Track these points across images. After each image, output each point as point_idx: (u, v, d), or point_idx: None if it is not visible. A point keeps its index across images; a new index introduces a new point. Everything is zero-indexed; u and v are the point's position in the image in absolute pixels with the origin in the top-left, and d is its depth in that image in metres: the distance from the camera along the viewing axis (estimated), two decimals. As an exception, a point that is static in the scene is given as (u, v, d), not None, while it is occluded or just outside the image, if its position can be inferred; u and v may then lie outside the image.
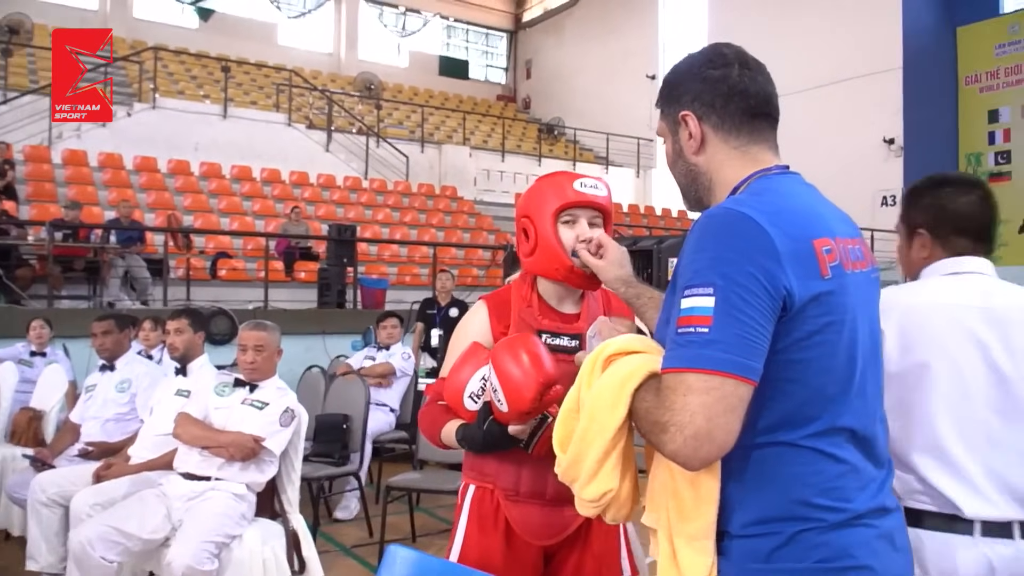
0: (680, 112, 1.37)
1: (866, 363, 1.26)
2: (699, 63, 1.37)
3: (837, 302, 1.20)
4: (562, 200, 1.89)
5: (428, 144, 18.29)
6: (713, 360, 1.11)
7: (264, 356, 3.47)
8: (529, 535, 1.91)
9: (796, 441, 1.19)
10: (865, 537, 1.20)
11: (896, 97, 16.17)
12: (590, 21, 23.34)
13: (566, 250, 1.87)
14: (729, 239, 1.16)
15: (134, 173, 12.82)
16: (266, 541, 3.30)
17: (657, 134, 1.49)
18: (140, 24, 19.56)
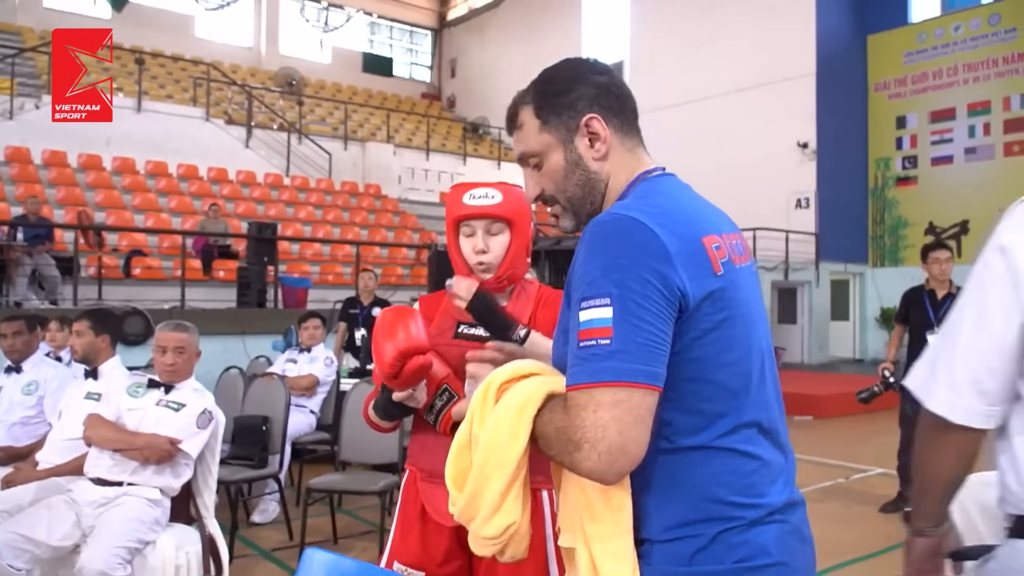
0: (582, 117, 1.31)
1: (764, 354, 1.28)
2: (584, 69, 1.35)
3: (730, 297, 1.21)
4: (454, 214, 1.99)
5: (351, 141, 18.10)
6: (618, 372, 1.10)
7: (184, 358, 3.38)
8: (438, 515, 1.96)
9: (707, 443, 1.20)
10: (780, 533, 1.22)
11: (810, 102, 16.71)
12: (514, 21, 23.46)
13: (465, 259, 2.00)
14: (620, 245, 1.15)
15: (43, 168, 12.35)
16: (181, 547, 3.22)
17: (524, 156, 1.37)
18: (51, 14, 18.82)
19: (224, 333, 8.00)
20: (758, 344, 1.27)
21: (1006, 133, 16.17)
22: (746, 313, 1.24)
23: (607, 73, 1.36)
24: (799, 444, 2.70)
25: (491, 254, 1.99)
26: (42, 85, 14.17)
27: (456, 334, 2.01)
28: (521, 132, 1.37)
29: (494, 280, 2.00)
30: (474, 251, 1.98)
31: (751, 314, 1.26)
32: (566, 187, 1.35)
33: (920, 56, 17.32)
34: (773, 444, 1.27)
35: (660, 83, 18.86)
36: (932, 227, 17.17)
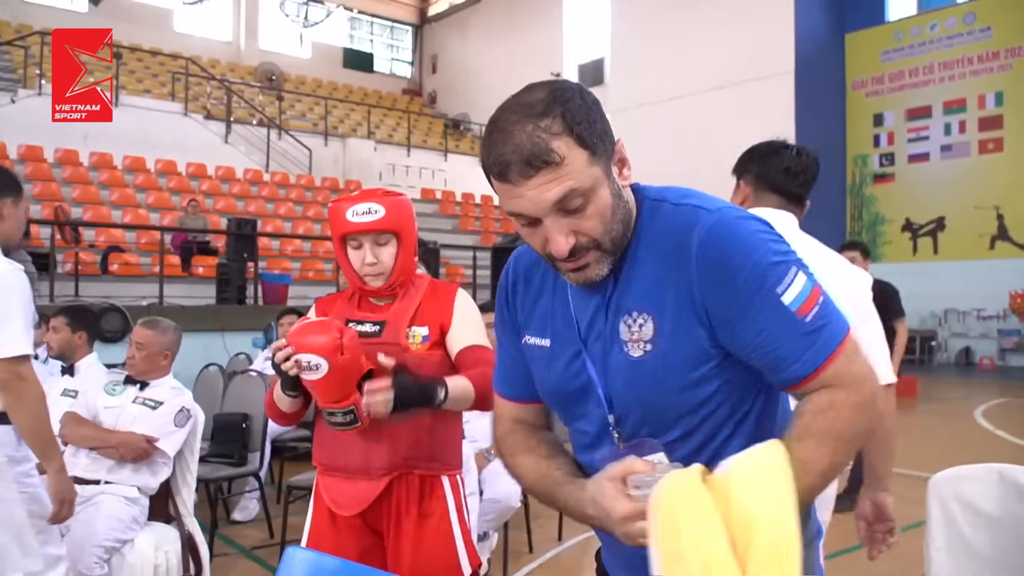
0: (615, 144, 1.15)
1: None
2: (591, 99, 1.14)
3: None
4: (338, 230, 2.07)
5: (332, 137, 18.02)
6: (842, 322, 1.12)
7: (143, 355, 3.33)
8: (337, 506, 2.06)
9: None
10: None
11: (788, 100, 16.81)
12: (495, 17, 23.43)
13: (355, 271, 2.09)
14: (756, 227, 1.13)
15: (19, 163, 12.20)
16: (159, 546, 3.20)
17: (571, 195, 1.09)
18: (27, 7, 18.58)
19: (203, 330, 7.95)
20: None
21: (981, 131, 16.36)
22: None
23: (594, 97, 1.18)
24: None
25: (380, 264, 2.07)
26: (17, 79, 14.00)
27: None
28: (561, 169, 1.07)
29: (386, 287, 2.10)
30: (363, 263, 2.06)
31: None
32: (612, 226, 1.14)
33: (897, 55, 17.48)
34: None
35: (640, 80, 18.92)
36: (909, 223, 17.35)
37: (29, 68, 13.82)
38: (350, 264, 2.09)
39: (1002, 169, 15.97)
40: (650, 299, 1.16)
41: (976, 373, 15.20)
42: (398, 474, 2.05)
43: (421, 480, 2.08)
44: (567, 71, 21.48)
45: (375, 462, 2.03)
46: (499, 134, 1.08)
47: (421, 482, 2.08)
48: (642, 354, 1.16)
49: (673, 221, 1.16)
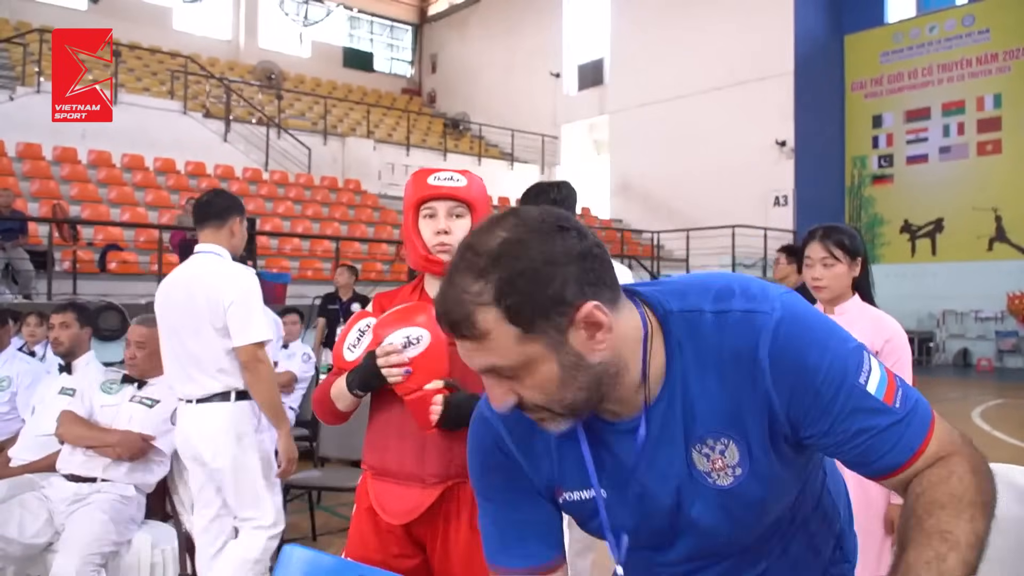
0: (575, 312, 0.96)
1: None
2: (551, 235, 0.97)
3: None
4: (418, 194, 1.96)
5: (331, 136, 18.01)
6: (927, 407, 1.07)
7: (145, 353, 3.34)
8: (385, 512, 1.95)
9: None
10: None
11: (788, 101, 16.83)
12: (495, 17, 23.42)
13: (425, 242, 1.95)
14: (817, 318, 1.07)
15: (17, 160, 12.18)
16: (156, 544, 3.19)
17: (494, 369, 0.99)
18: (26, 5, 18.55)
19: (201, 328, 7.94)
20: None
21: (980, 133, 16.37)
22: None
23: (576, 228, 1.00)
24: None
25: (453, 236, 1.94)
26: (16, 77, 13.98)
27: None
28: (484, 343, 0.96)
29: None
30: (435, 233, 1.94)
31: None
32: (564, 396, 1.01)
33: (896, 56, 17.49)
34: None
35: (640, 81, 18.93)
36: (907, 225, 17.36)
37: (28, 66, 13.80)
38: (420, 235, 1.97)
39: (1000, 171, 15.99)
40: (728, 421, 1.06)
41: (974, 374, 15.22)
42: (452, 483, 1.93)
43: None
44: (566, 71, 21.48)
45: (429, 468, 1.93)
46: (447, 275, 0.99)
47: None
48: (732, 481, 1.08)
49: (727, 333, 1.04)
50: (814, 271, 2.64)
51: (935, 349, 16.52)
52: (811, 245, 2.63)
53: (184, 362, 2.97)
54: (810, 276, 2.65)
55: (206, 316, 2.92)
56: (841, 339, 1.05)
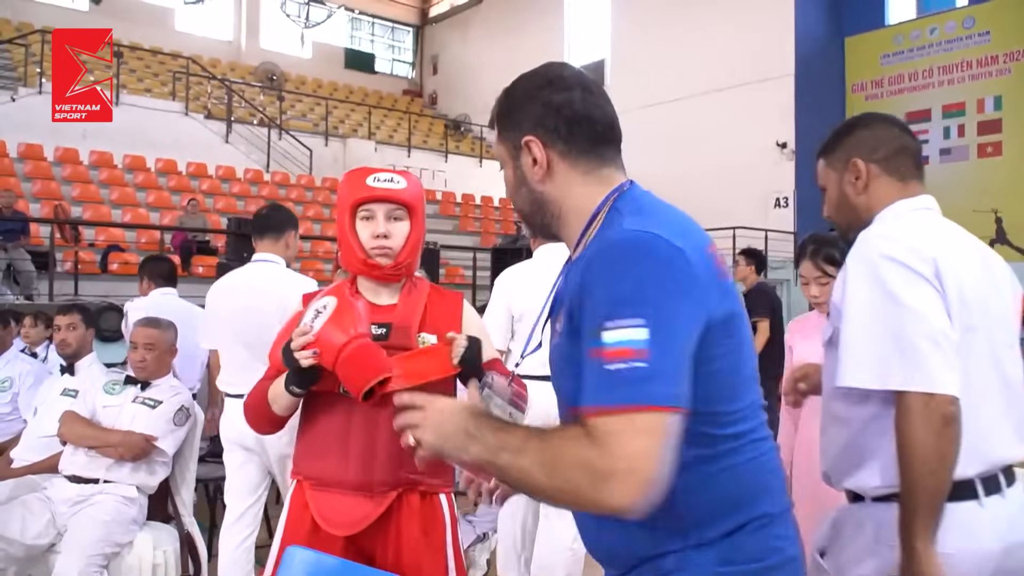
0: (522, 138, 1.29)
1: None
2: (538, 85, 1.30)
3: (739, 312, 1.23)
4: (355, 196, 1.89)
5: (332, 137, 18.02)
6: (656, 396, 1.05)
7: (154, 355, 3.36)
8: (328, 524, 1.83)
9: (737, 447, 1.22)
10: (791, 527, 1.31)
11: (788, 102, 16.83)
12: (496, 18, 23.42)
13: (362, 245, 1.89)
14: (646, 264, 1.11)
15: (18, 161, 12.20)
16: (158, 545, 3.21)
17: (496, 158, 1.48)
18: (27, 5, 18.56)
19: (202, 329, 7.95)
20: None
21: (980, 135, 16.37)
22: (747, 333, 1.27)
23: (568, 90, 1.28)
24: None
25: (393, 239, 1.90)
26: (18, 77, 14.00)
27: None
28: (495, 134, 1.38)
29: (392, 267, 1.92)
30: (373, 236, 1.88)
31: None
32: (516, 200, 1.36)
33: (896, 58, 17.49)
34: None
35: (641, 82, 18.92)
36: (908, 227, 17.36)
37: (29, 66, 13.82)
38: (357, 237, 1.90)
39: (1001, 173, 15.98)
40: (570, 295, 1.22)
41: (974, 376, 15.18)
42: (402, 490, 1.87)
43: (422, 497, 1.91)
44: (567, 72, 21.47)
45: (379, 476, 1.84)
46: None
47: (422, 499, 1.91)
48: (555, 341, 1.29)
49: (604, 232, 1.23)
50: (811, 290, 2.64)
51: (935, 351, 16.49)
52: (803, 264, 2.62)
53: (245, 360, 3.10)
54: (808, 294, 2.66)
55: (275, 318, 2.94)
56: (640, 287, 1.09)
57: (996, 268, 1.74)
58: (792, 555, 1.25)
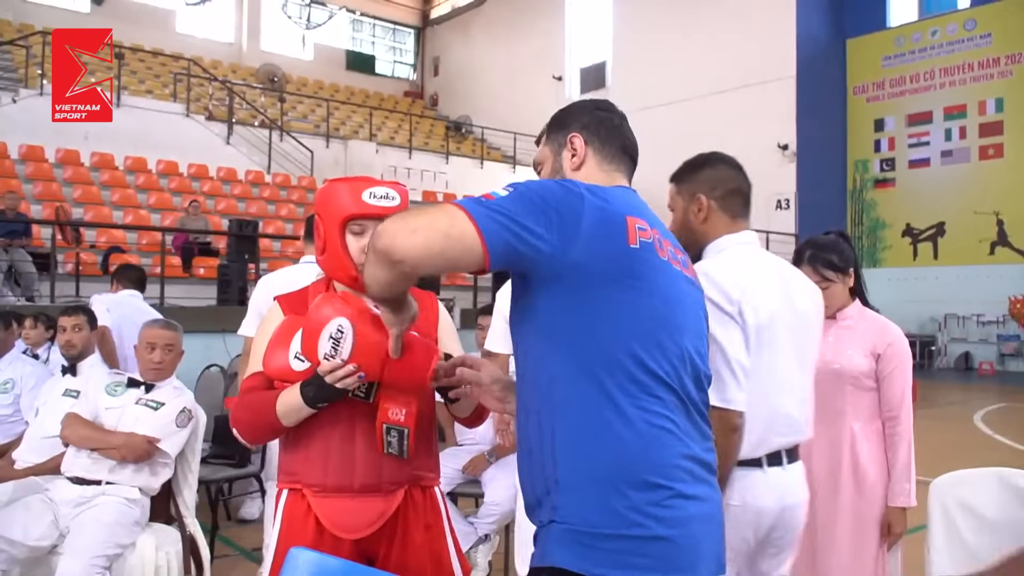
0: (569, 134, 1.59)
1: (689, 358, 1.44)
2: (592, 106, 1.64)
3: (645, 273, 1.36)
4: (350, 211, 1.84)
5: (334, 139, 18.03)
6: (479, 213, 1.27)
7: (172, 356, 3.37)
8: (339, 529, 1.82)
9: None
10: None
11: (790, 104, 16.84)
12: (498, 21, 23.45)
13: (353, 260, 1.84)
14: (555, 189, 1.35)
15: (20, 163, 12.20)
16: (160, 547, 3.20)
17: (535, 163, 1.67)
18: (28, 7, 18.61)
19: (204, 331, 7.93)
20: (678, 327, 1.41)
21: (981, 137, 16.37)
22: (661, 303, 1.38)
23: (610, 112, 1.63)
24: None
25: None
26: (19, 79, 14.01)
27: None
28: (539, 145, 1.68)
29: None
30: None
31: (671, 307, 1.40)
32: None
33: (898, 60, 17.50)
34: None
35: (642, 84, 18.94)
36: (909, 228, 17.36)
37: (31, 68, 13.82)
38: (347, 253, 1.85)
39: (1002, 175, 15.99)
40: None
41: (975, 378, 15.21)
42: (409, 486, 1.88)
43: (423, 492, 1.93)
44: (569, 74, 21.49)
45: (387, 475, 1.84)
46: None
47: (424, 494, 1.93)
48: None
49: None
50: None
51: (937, 353, 16.51)
52: (802, 268, 2.63)
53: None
54: None
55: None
56: (524, 185, 1.34)
57: (795, 292, 2.06)
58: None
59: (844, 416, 2.53)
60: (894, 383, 2.51)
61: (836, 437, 2.52)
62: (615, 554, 1.26)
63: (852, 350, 2.54)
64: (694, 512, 1.32)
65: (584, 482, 1.30)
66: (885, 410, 2.52)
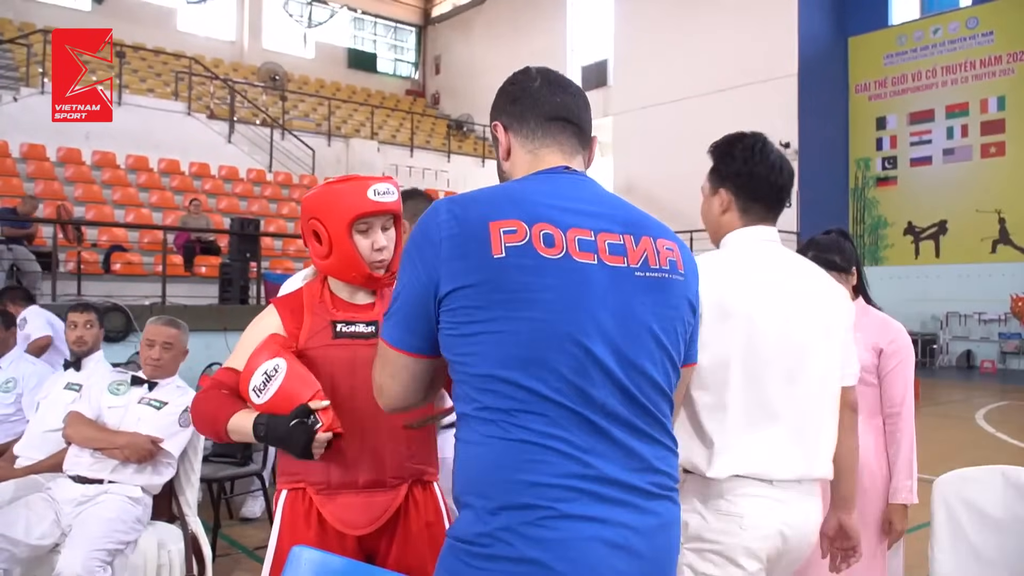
0: (492, 123, 1.50)
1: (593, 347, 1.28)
2: (508, 80, 1.51)
3: (515, 280, 1.24)
4: (357, 210, 1.85)
5: (335, 137, 18.03)
6: (388, 335, 1.37)
7: (171, 355, 3.36)
8: (345, 526, 1.82)
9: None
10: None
11: (791, 103, 16.81)
12: (499, 19, 23.43)
13: (364, 259, 1.87)
14: (415, 232, 1.33)
15: (21, 161, 12.20)
16: (163, 545, 3.20)
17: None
18: (30, 5, 18.60)
19: (206, 330, 7.92)
20: (577, 334, 1.25)
21: (983, 135, 16.35)
22: (545, 313, 1.24)
23: (518, 81, 1.49)
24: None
25: (388, 250, 1.90)
26: (20, 77, 14.01)
27: (336, 334, 1.87)
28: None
29: (389, 276, 1.92)
30: (374, 249, 1.87)
31: (569, 313, 1.25)
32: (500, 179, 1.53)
33: (900, 58, 17.48)
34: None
35: (643, 82, 18.92)
36: (911, 227, 17.34)
37: (32, 67, 13.82)
38: (359, 253, 1.87)
39: (1004, 173, 15.97)
40: None
41: (977, 376, 15.20)
42: (412, 481, 1.89)
43: (424, 487, 1.93)
44: (570, 73, 21.46)
45: (390, 471, 1.85)
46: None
47: (424, 489, 1.93)
48: None
49: None
50: None
51: (938, 351, 16.49)
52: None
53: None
54: None
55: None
56: (406, 252, 1.35)
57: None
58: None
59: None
60: (896, 379, 2.51)
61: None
62: (487, 574, 1.22)
63: (855, 346, 2.53)
64: (584, 535, 1.21)
65: (469, 500, 1.28)
66: (887, 406, 2.51)
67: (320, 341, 1.85)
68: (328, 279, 1.97)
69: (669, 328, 1.36)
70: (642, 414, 1.30)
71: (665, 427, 1.34)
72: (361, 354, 1.80)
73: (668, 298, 1.36)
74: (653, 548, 1.28)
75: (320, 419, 1.67)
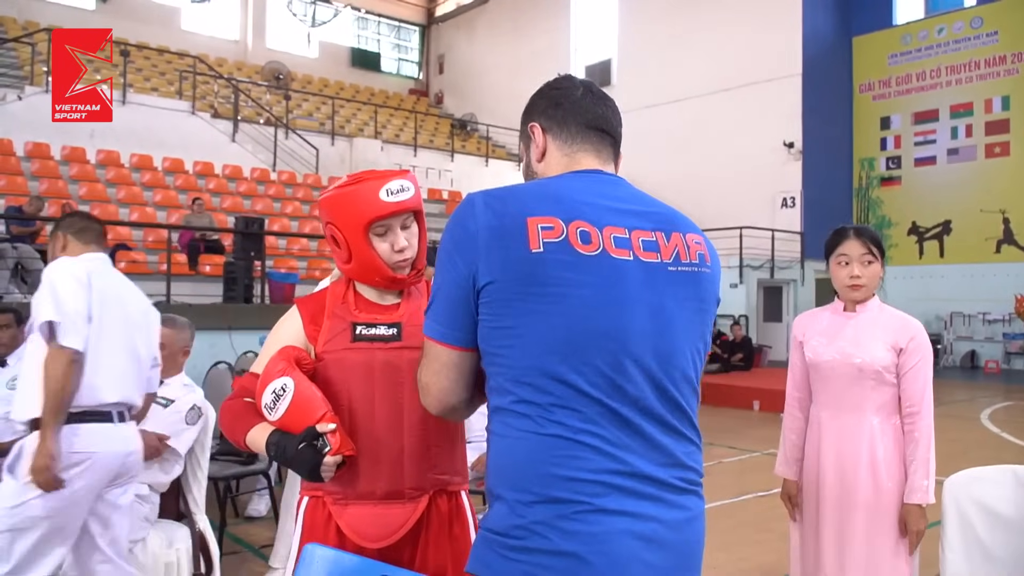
0: (529, 123, 1.52)
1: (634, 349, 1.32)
2: (548, 87, 1.54)
3: (553, 275, 1.26)
4: (372, 214, 1.76)
5: (339, 137, 18.04)
6: (431, 330, 1.37)
7: (166, 354, 3.34)
8: (361, 538, 1.75)
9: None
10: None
11: (796, 102, 16.80)
12: (503, 19, 23.43)
13: (385, 262, 1.80)
14: (450, 226, 1.36)
15: (26, 160, 12.22)
16: (171, 543, 3.20)
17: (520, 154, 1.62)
18: (33, 4, 18.62)
19: (211, 328, 7.94)
20: (615, 330, 1.28)
21: (988, 135, 16.32)
22: (582, 308, 1.27)
23: (562, 87, 1.52)
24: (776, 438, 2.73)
25: (410, 249, 1.83)
26: (24, 76, 14.03)
27: (355, 337, 1.80)
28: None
29: (414, 274, 1.86)
30: (395, 250, 1.79)
31: (604, 309, 1.28)
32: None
33: (904, 58, 17.45)
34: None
35: (647, 82, 18.91)
36: (915, 227, 17.32)
37: (36, 65, 13.84)
38: (379, 257, 1.79)
39: (1008, 173, 15.94)
40: None
41: (981, 376, 15.17)
42: (433, 492, 1.81)
43: (449, 498, 1.84)
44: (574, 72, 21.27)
45: (409, 481, 1.77)
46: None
47: (449, 500, 1.84)
48: None
49: None
50: (852, 269, 2.58)
51: (943, 351, 16.47)
52: (847, 243, 2.59)
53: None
54: (847, 275, 2.59)
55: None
56: (442, 247, 1.37)
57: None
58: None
59: (863, 411, 2.49)
60: (916, 378, 2.47)
61: (855, 431, 2.49)
62: (522, 565, 1.24)
63: (874, 344, 2.50)
64: (617, 528, 1.24)
65: (502, 493, 1.30)
66: (906, 405, 2.47)
67: (338, 345, 1.79)
68: (356, 284, 1.90)
69: (699, 320, 1.39)
70: (673, 409, 1.34)
71: (692, 422, 1.38)
72: (379, 358, 1.76)
73: (698, 291, 1.40)
74: (681, 541, 1.31)
75: (329, 442, 1.62)
